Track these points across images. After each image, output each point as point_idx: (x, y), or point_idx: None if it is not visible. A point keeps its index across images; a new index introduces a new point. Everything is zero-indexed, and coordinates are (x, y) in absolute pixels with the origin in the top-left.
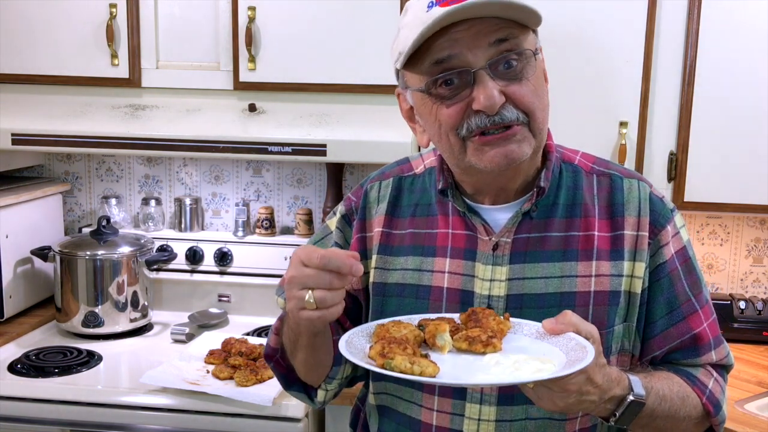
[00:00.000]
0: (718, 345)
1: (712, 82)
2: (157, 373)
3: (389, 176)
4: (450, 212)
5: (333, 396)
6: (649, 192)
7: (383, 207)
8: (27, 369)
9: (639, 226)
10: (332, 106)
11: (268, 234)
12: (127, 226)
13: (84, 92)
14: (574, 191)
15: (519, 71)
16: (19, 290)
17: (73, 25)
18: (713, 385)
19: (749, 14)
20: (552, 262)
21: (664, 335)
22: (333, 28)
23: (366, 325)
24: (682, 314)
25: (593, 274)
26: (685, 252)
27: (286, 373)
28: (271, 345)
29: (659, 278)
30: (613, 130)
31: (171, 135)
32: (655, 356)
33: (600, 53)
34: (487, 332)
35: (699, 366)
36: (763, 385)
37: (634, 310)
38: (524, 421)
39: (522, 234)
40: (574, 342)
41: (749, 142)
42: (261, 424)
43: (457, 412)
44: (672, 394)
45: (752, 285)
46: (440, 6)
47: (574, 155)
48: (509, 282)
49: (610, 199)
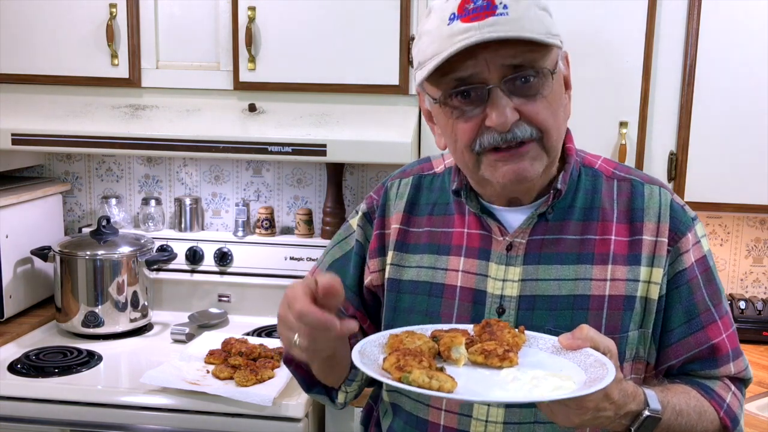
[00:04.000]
0: (736, 357)
1: (712, 82)
2: (157, 373)
3: (410, 174)
4: (466, 212)
5: (354, 397)
6: (670, 199)
7: (402, 204)
8: (27, 369)
9: (658, 232)
10: (332, 106)
11: (268, 234)
12: (127, 226)
13: (84, 92)
14: (592, 195)
15: (534, 88)
16: (19, 290)
17: (73, 25)
18: (731, 399)
19: (749, 14)
20: (566, 264)
21: (681, 344)
22: (333, 28)
23: (379, 335)
24: (701, 323)
25: (608, 278)
26: (705, 261)
27: (306, 377)
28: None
29: (678, 286)
30: (613, 130)
31: (171, 135)
32: (672, 366)
33: (600, 53)
34: (503, 346)
35: (716, 378)
36: (763, 385)
37: (650, 317)
38: (532, 425)
39: (537, 235)
40: (593, 358)
41: (749, 142)
42: (261, 424)
43: (464, 413)
44: (689, 408)
45: (752, 285)
46: (462, 21)
47: (595, 160)
48: (522, 283)
49: (630, 203)
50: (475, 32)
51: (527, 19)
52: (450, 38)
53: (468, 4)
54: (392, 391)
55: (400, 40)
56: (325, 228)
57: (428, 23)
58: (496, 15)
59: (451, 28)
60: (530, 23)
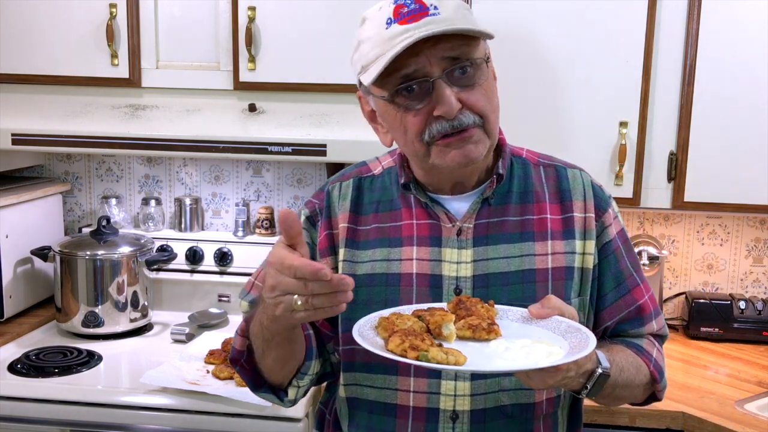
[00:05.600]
0: (657, 315)
1: (712, 82)
2: (157, 373)
3: (349, 177)
4: (413, 204)
5: (303, 394)
6: (590, 180)
7: (346, 204)
8: (27, 369)
9: (585, 208)
10: (332, 106)
11: (268, 234)
12: (127, 226)
13: (84, 92)
14: (525, 180)
15: (472, 78)
16: (19, 290)
17: (73, 25)
18: (657, 354)
19: (749, 14)
20: (512, 243)
21: (614, 307)
22: (333, 28)
23: (367, 318)
24: (627, 287)
25: (549, 253)
26: (624, 233)
27: (254, 376)
28: (237, 348)
29: (606, 255)
30: (613, 130)
31: (171, 135)
32: (607, 327)
33: (599, 53)
34: (485, 320)
35: (642, 336)
36: (763, 385)
37: (587, 285)
38: (497, 393)
39: (482, 219)
40: (565, 324)
41: (749, 142)
42: (261, 424)
43: (433, 391)
44: (628, 364)
45: (752, 285)
46: (399, 24)
47: (521, 150)
48: (474, 263)
49: (558, 186)
50: (413, 31)
51: (457, 17)
52: (391, 40)
53: (402, 9)
54: (352, 385)
55: None
56: None
57: (365, 30)
58: (430, 15)
59: (390, 31)
60: (460, 20)
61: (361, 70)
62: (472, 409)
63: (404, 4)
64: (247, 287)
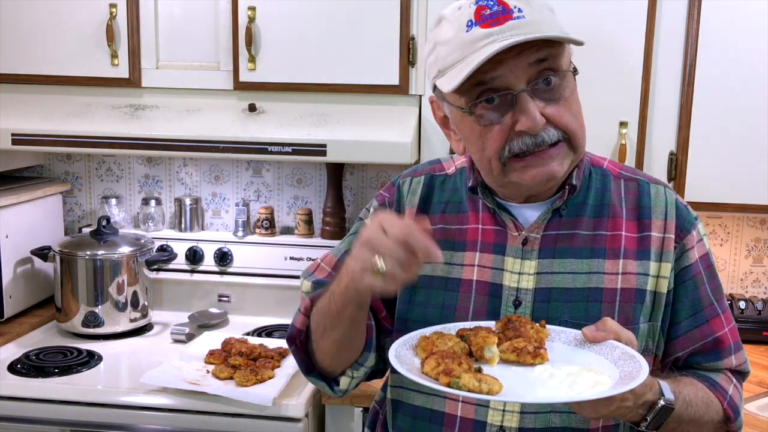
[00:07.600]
0: (737, 350)
1: (712, 82)
2: (157, 373)
3: (421, 174)
4: (480, 209)
5: (355, 385)
6: (675, 198)
7: (415, 201)
8: (27, 369)
9: (665, 228)
10: (332, 106)
11: (268, 234)
12: (127, 226)
13: (84, 92)
14: (602, 192)
15: (557, 91)
16: (19, 290)
17: (73, 25)
18: (733, 391)
19: (749, 14)
20: (580, 258)
21: (687, 337)
22: (333, 27)
23: (408, 336)
24: (705, 317)
25: (620, 272)
26: (708, 258)
27: (307, 359)
28: (297, 326)
29: (684, 280)
30: (613, 130)
31: (171, 135)
32: (678, 358)
33: (600, 53)
34: (530, 342)
35: (719, 371)
36: (763, 385)
37: (659, 311)
38: (548, 414)
39: (551, 231)
40: (619, 350)
41: (749, 142)
42: (261, 424)
43: (482, 403)
44: (697, 399)
45: (752, 285)
46: (481, 27)
47: (602, 160)
48: (537, 276)
49: (638, 202)
50: (497, 36)
51: (543, 21)
52: (472, 44)
53: (484, 11)
54: (398, 387)
55: (401, 40)
56: (325, 228)
57: (442, 32)
58: (514, 19)
59: (471, 34)
60: (547, 24)
61: (438, 74)
62: (520, 426)
63: (486, 5)
64: (311, 268)
